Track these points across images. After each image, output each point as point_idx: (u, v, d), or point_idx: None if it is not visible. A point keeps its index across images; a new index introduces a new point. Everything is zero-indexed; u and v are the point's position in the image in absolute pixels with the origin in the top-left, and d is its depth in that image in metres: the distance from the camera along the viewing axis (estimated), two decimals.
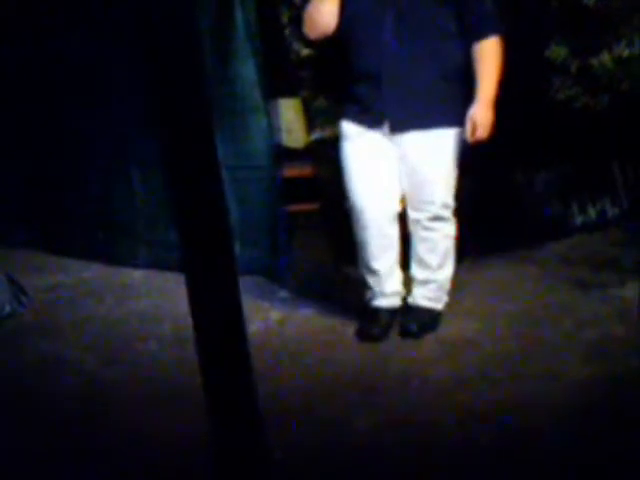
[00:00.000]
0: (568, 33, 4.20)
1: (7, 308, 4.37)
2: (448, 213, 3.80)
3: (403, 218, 3.85)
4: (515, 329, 3.81)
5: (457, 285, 4.22)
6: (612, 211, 4.79)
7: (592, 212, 4.76)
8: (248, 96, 4.41)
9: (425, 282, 3.90)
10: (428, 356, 3.68)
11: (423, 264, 3.87)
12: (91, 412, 3.41)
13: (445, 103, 3.68)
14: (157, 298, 4.46)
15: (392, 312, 3.93)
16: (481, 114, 3.62)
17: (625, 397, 3.22)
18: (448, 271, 3.91)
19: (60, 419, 3.37)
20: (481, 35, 3.63)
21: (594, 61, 4.06)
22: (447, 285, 3.95)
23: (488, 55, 3.63)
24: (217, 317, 1.83)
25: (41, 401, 3.53)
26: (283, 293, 4.42)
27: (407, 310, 3.95)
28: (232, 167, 4.23)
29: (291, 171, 4.67)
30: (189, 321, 1.84)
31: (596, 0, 4.03)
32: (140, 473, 3.01)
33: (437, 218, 3.77)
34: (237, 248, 4.04)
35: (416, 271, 3.91)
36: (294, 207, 4.59)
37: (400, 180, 3.77)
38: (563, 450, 2.93)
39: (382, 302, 3.93)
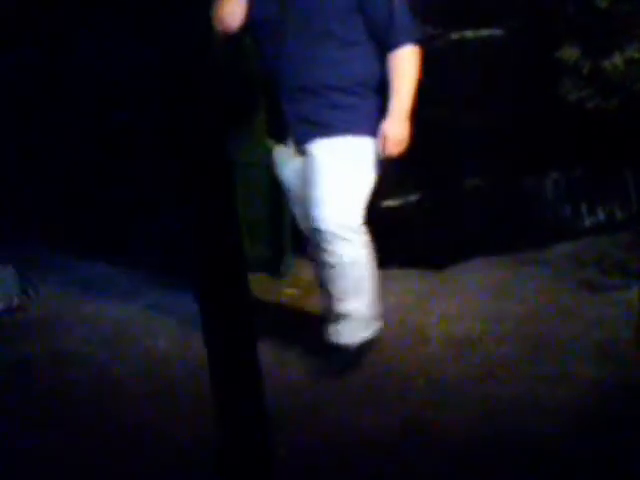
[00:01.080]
0: (580, 35, 4.20)
1: (15, 300, 4.41)
2: (352, 236, 3.39)
3: None
4: (521, 330, 3.80)
5: (464, 284, 4.24)
6: (621, 214, 4.78)
7: (601, 214, 4.75)
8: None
9: (335, 318, 3.55)
10: (434, 356, 3.68)
11: (328, 294, 3.51)
12: (98, 407, 3.44)
13: (349, 115, 3.41)
14: (164, 296, 4.47)
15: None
16: (393, 128, 3.38)
17: (631, 400, 3.22)
18: (358, 303, 3.51)
19: (67, 413, 3.40)
20: (393, 44, 3.38)
21: (606, 63, 4.05)
22: (362, 319, 3.56)
23: (401, 66, 3.37)
24: (226, 315, 1.84)
25: (48, 395, 3.55)
26: (288, 290, 4.42)
27: (327, 346, 3.62)
28: (239, 163, 4.24)
29: None
30: (197, 318, 1.85)
31: (609, 2, 4.03)
32: (146, 469, 3.03)
33: (336, 239, 3.37)
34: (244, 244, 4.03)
35: (324, 304, 3.60)
36: None
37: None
38: (567, 451, 2.94)
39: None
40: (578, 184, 4.73)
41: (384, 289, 3.97)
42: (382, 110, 3.42)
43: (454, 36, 4.40)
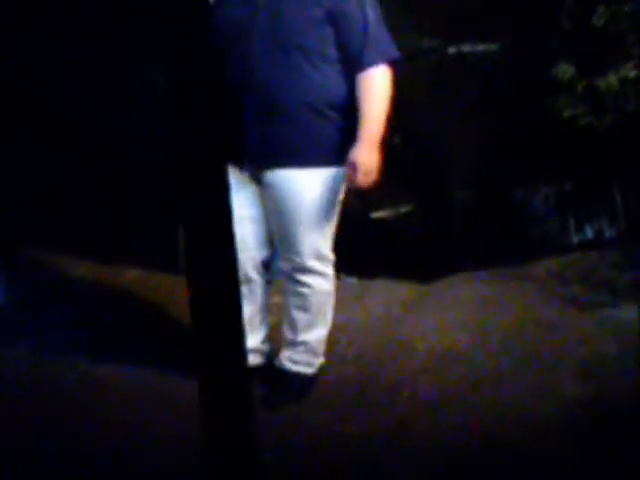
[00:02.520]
0: (575, 52, 4.22)
1: (1, 300, 4.38)
2: (322, 266, 3.31)
3: None
4: (507, 344, 3.81)
5: (450, 298, 4.25)
6: (609, 231, 4.79)
7: (589, 231, 4.76)
8: None
9: (293, 343, 3.45)
10: (419, 368, 3.68)
11: (292, 323, 3.42)
12: (83, 409, 3.42)
13: (316, 139, 3.16)
14: (154, 297, 4.45)
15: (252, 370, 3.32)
16: (363, 157, 3.12)
17: (614, 416, 3.23)
18: (320, 332, 3.45)
19: (51, 415, 3.38)
20: (365, 63, 3.11)
21: (600, 81, 4.07)
22: (319, 347, 3.48)
23: (372, 87, 3.11)
24: (216, 319, 1.84)
25: (33, 397, 3.53)
26: (277, 298, 4.41)
27: (272, 375, 3.50)
28: None
29: None
30: (184, 321, 1.85)
31: (605, 21, 4.04)
32: (133, 473, 3.01)
33: (307, 271, 3.29)
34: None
35: (285, 330, 3.47)
36: None
37: (269, 222, 3.32)
38: (550, 464, 2.95)
39: (257, 360, 3.49)
40: (567, 200, 4.74)
41: (371, 299, 4.00)
42: (351, 136, 3.16)
43: (451, 50, 4.41)
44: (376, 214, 4.44)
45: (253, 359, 3.38)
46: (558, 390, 3.42)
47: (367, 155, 3.14)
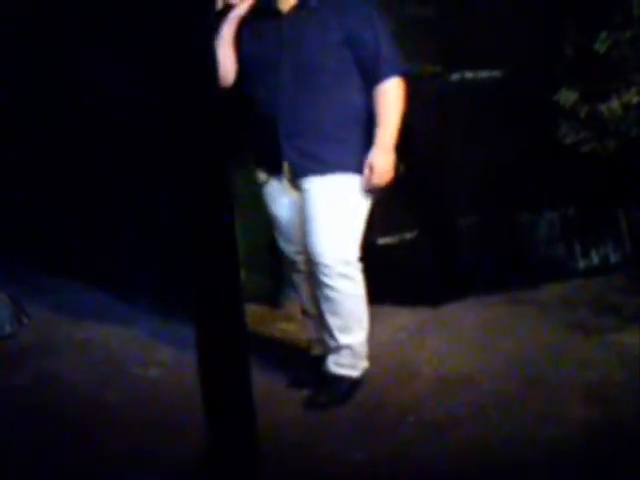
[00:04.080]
0: (578, 78, 4.24)
1: (7, 328, 4.38)
2: (350, 270, 3.51)
3: None
4: (513, 369, 3.80)
5: (456, 322, 4.25)
6: (615, 256, 4.80)
7: (595, 256, 4.77)
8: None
9: (336, 348, 3.63)
10: (425, 392, 3.67)
11: (328, 329, 3.60)
12: (87, 435, 3.41)
13: (343, 149, 3.50)
14: (158, 323, 4.47)
15: None
16: (379, 160, 3.45)
17: (622, 442, 3.22)
18: (360, 335, 3.62)
19: (55, 441, 3.37)
20: (380, 77, 3.46)
21: (603, 107, 4.09)
22: (362, 350, 3.65)
23: (387, 98, 3.46)
24: (220, 341, 1.85)
25: (37, 422, 3.53)
26: (284, 324, 4.43)
27: (320, 378, 3.69)
28: (237, 195, 4.25)
29: None
30: (189, 348, 1.86)
31: (607, 47, 4.07)
32: None
33: (336, 276, 3.49)
34: (242, 274, 4.04)
35: (325, 337, 3.66)
36: None
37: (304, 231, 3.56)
38: None
39: (319, 350, 3.78)
40: (572, 225, 4.75)
41: (377, 325, 3.99)
42: (369, 144, 3.49)
43: (454, 76, 4.44)
44: (382, 240, 4.45)
45: (314, 349, 3.80)
46: (563, 414, 3.40)
47: (383, 158, 3.46)
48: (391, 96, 3.47)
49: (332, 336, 3.61)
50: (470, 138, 4.49)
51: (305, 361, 3.89)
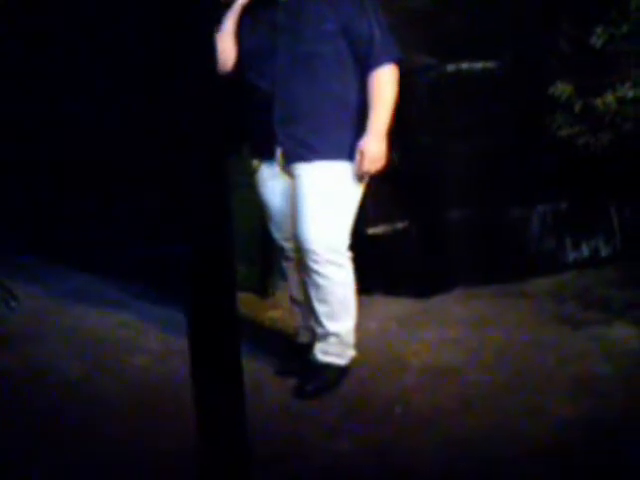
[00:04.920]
0: (573, 72, 4.23)
1: None
2: (338, 258, 3.53)
3: None
4: (500, 361, 3.81)
5: (445, 314, 4.25)
6: (605, 250, 4.81)
7: (585, 249, 4.77)
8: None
9: (323, 336, 3.63)
10: (412, 384, 3.68)
11: (316, 316, 3.60)
12: (73, 423, 3.41)
13: (336, 136, 3.53)
14: (147, 310, 4.46)
15: None
16: (371, 146, 3.47)
17: (606, 435, 3.23)
18: (347, 323, 3.63)
19: (40, 429, 3.37)
20: (374, 64, 3.49)
21: (598, 101, 4.09)
22: (349, 338, 3.66)
23: (381, 84, 3.48)
24: (213, 330, 1.85)
25: (22, 409, 3.52)
26: (272, 312, 4.42)
27: (306, 366, 3.68)
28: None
29: None
30: (177, 336, 1.86)
31: (603, 41, 4.06)
32: None
33: (325, 262, 3.50)
34: None
35: (313, 324, 3.66)
36: None
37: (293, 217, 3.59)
38: None
39: (304, 338, 3.79)
40: (563, 218, 4.75)
41: (365, 315, 3.99)
42: (362, 131, 3.51)
43: (450, 68, 4.43)
44: (372, 230, 4.44)
45: (301, 337, 3.81)
46: (551, 408, 3.41)
47: (375, 144, 3.48)
48: (384, 82, 3.49)
49: (320, 323, 3.61)
50: (463, 129, 4.48)
51: (292, 349, 3.89)
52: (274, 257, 4.31)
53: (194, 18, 1.78)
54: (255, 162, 3.70)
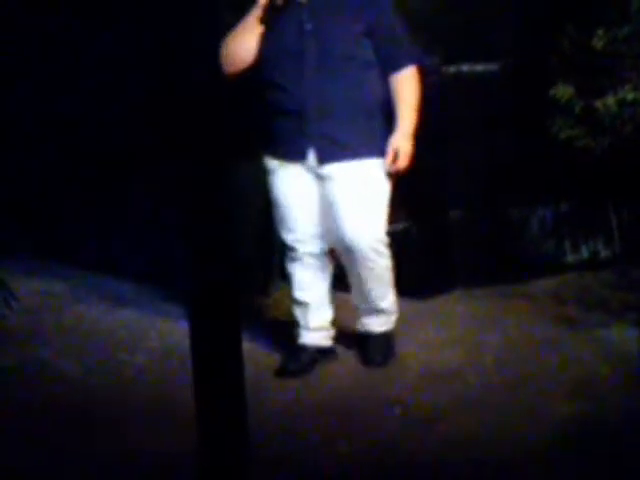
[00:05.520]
0: (574, 74, 4.23)
1: None
2: (382, 246, 3.74)
3: None
4: (500, 362, 3.82)
5: (445, 315, 4.25)
6: (605, 252, 4.80)
7: (585, 251, 4.77)
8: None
9: (371, 311, 3.88)
10: (412, 384, 3.69)
11: (366, 298, 3.83)
12: (71, 422, 3.41)
13: (369, 134, 3.67)
14: (146, 309, 4.45)
15: (317, 350, 3.85)
16: (401, 143, 3.63)
17: (606, 437, 3.24)
18: (391, 297, 3.88)
19: (38, 428, 3.36)
20: (398, 66, 3.66)
21: (598, 103, 4.09)
22: (394, 308, 3.92)
23: (406, 86, 3.66)
24: (214, 329, 1.86)
25: (20, 408, 3.52)
26: (273, 313, 4.41)
27: (362, 340, 3.92)
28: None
29: None
30: (176, 334, 1.86)
31: (604, 43, 4.07)
32: None
33: (372, 251, 3.70)
34: None
35: (361, 304, 3.89)
36: None
37: (328, 213, 3.73)
38: None
39: (306, 339, 3.85)
40: (563, 220, 4.75)
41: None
42: (389, 129, 3.66)
43: (451, 69, 4.44)
44: None
45: (319, 337, 3.86)
46: (550, 409, 3.42)
47: (405, 142, 3.63)
48: (410, 84, 3.66)
49: (370, 303, 3.84)
50: (464, 131, 4.48)
51: (292, 350, 3.89)
52: (275, 258, 4.32)
53: (197, 21, 1.78)
54: (275, 162, 3.74)
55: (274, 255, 4.40)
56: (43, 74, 5.13)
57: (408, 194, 4.39)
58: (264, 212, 3.88)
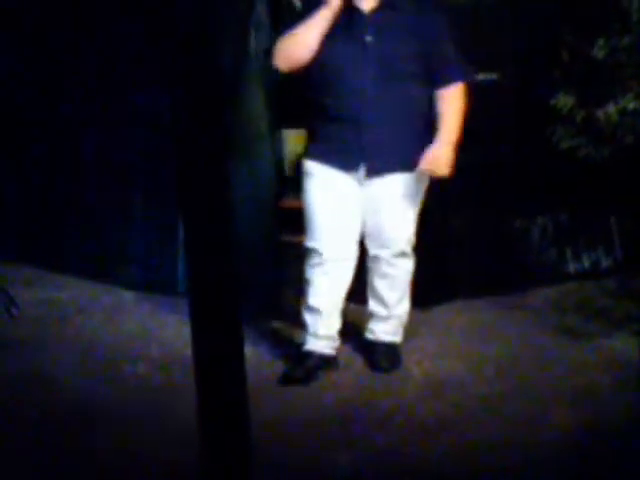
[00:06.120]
0: (575, 83, 4.24)
1: None
2: (410, 249, 3.86)
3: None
4: (502, 372, 3.82)
5: (447, 325, 4.25)
6: (606, 261, 4.81)
7: (586, 261, 4.78)
8: (254, 125, 4.45)
9: (386, 318, 3.94)
10: (413, 394, 3.69)
11: (383, 301, 3.91)
12: (71, 433, 3.39)
13: (419, 146, 3.71)
14: (146, 319, 4.46)
15: (321, 358, 3.84)
16: (445, 153, 3.69)
17: (609, 446, 3.23)
18: (406, 304, 3.95)
19: (37, 438, 3.34)
20: (449, 80, 3.74)
21: (599, 112, 4.10)
22: (405, 317, 3.98)
23: (454, 100, 3.75)
24: (216, 337, 1.86)
25: (19, 418, 3.50)
26: (275, 323, 4.41)
27: (370, 346, 3.98)
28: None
29: (292, 202, 4.66)
30: (177, 344, 1.87)
31: (605, 53, 4.08)
32: None
33: (401, 254, 3.83)
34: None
35: (376, 308, 3.94)
36: (296, 238, 4.58)
37: (364, 219, 3.80)
38: None
39: (312, 346, 3.85)
40: (564, 230, 4.76)
41: (367, 326, 4.00)
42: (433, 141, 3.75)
43: None
44: None
45: (326, 346, 3.85)
46: (551, 418, 3.42)
47: (446, 151, 3.70)
48: (458, 99, 3.74)
49: (386, 307, 3.90)
50: (465, 140, 4.48)
51: (297, 358, 3.89)
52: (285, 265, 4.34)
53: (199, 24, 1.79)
54: (321, 168, 3.76)
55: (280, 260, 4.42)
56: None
57: None
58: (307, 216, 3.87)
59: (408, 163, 3.72)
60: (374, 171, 3.74)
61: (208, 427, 1.91)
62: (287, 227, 4.48)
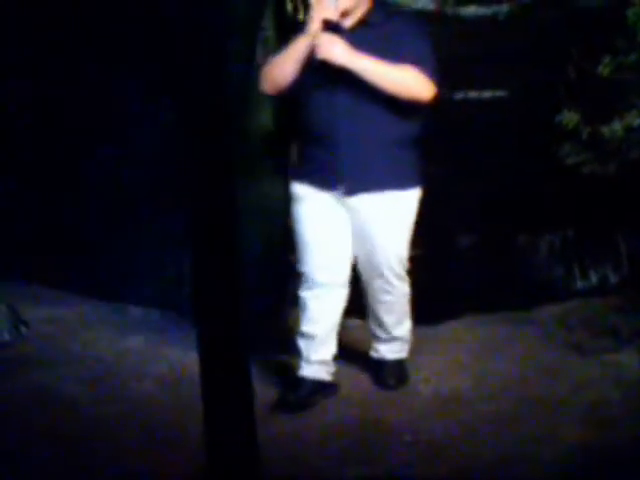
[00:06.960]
0: (580, 100, 4.26)
1: (6, 336, 4.37)
2: (404, 272, 3.83)
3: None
4: (509, 389, 3.81)
5: (454, 341, 4.24)
6: (614, 277, 4.80)
7: (593, 277, 4.77)
8: (263, 141, 4.46)
9: (389, 340, 3.96)
10: (421, 411, 3.68)
11: (382, 325, 3.91)
12: (80, 451, 3.39)
13: (400, 165, 3.69)
14: (155, 336, 4.46)
15: (314, 383, 3.79)
16: (342, 44, 3.54)
17: (617, 462, 3.22)
18: (407, 325, 3.96)
19: (47, 456, 3.35)
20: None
21: (605, 129, 4.11)
22: (409, 336, 3.99)
23: (409, 71, 3.59)
24: (224, 356, 1.86)
25: (28, 433, 3.51)
26: (279, 344, 4.41)
27: (377, 364, 3.99)
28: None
29: None
30: (186, 361, 1.87)
31: (610, 71, 4.09)
32: None
33: (394, 279, 3.80)
34: None
35: (376, 330, 3.96)
36: None
37: (353, 243, 3.77)
38: None
39: (305, 372, 3.81)
40: (571, 246, 4.76)
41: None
42: (418, 161, 3.74)
43: (457, 96, 4.46)
44: None
45: (319, 371, 3.82)
46: (559, 435, 3.40)
47: (345, 49, 3.54)
48: (417, 76, 3.58)
49: (386, 331, 3.91)
50: (471, 157, 4.50)
51: (290, 383, 3.87)
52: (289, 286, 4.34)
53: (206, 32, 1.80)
54: (303, 189, 3.75)
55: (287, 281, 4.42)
56: None
57: (417, 220, 4.40)
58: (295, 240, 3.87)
59: (389, 182, 3.68)
60: (353, 190, 3.68)
61: (215, 445, 1.91)
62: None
